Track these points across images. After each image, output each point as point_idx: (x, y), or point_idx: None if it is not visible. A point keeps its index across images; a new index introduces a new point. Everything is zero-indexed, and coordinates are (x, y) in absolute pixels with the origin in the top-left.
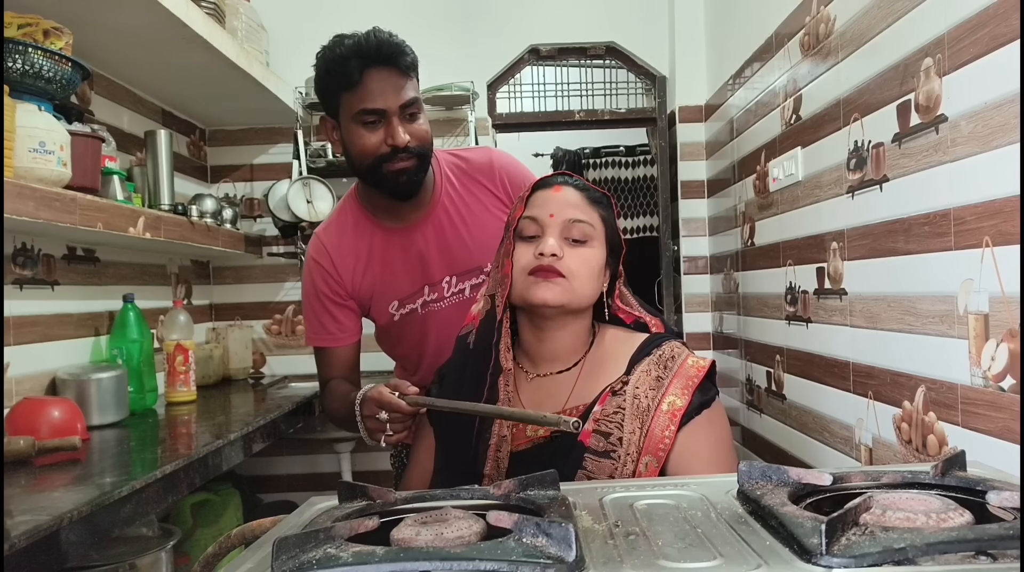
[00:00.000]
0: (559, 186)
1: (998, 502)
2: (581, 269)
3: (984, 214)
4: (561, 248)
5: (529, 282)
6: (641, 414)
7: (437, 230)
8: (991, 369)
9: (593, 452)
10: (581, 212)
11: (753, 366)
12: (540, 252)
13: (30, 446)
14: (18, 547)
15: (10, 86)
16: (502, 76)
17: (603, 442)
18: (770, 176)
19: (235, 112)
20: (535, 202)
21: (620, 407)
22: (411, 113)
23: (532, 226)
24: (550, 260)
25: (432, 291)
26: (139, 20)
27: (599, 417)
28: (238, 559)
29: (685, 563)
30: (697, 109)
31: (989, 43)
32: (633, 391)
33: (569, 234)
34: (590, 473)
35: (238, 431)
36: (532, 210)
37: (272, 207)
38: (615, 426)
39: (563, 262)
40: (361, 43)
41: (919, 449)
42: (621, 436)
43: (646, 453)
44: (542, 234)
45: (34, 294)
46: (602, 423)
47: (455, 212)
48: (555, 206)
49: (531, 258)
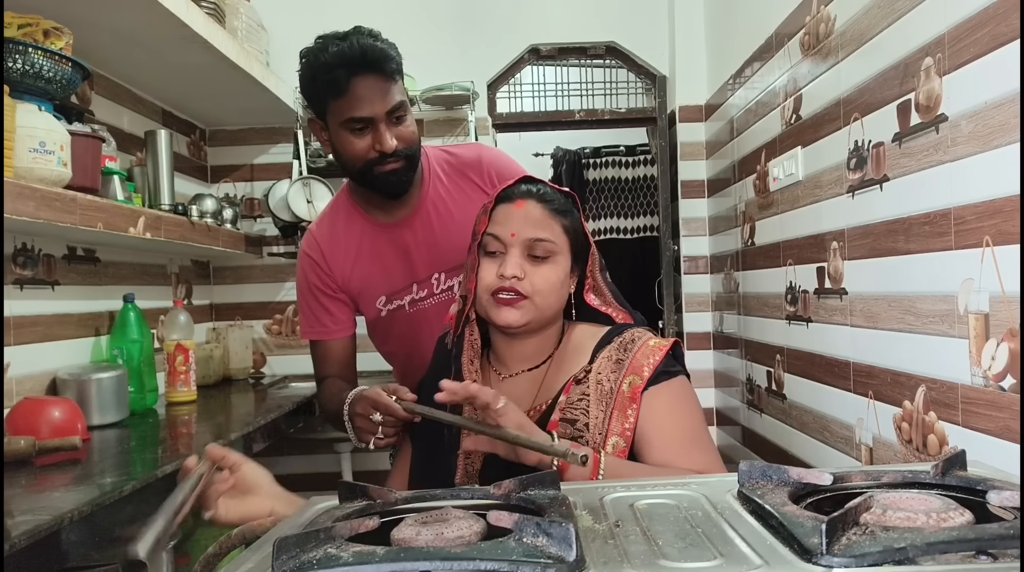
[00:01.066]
0: (521, 201)
1: (998, 502)
2: (543, 286)
3: (984, 214)
4: (522, 268)
5: (492, 303)
6: (604, 397)
7: (425, 226)
8: (991, 369)
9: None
10: (542, 229)
11: (753, 366)
12: (501, 273)
13: (30, 446)
14: (19, 547)
15: (10, 86)
16: (502, 76)
17: (570, 429)
18: (770, 176)
19: (235, 112)
20: (498, 217)
21: (584, 394)
22: (397, 116)
23: (494, 243)
24: (511, 282)
25: (421, 289)
26: (139, 20)
27: (564, 406)
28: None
29: (685, 563)
30: (697, 109)
31: (989, 43)
32: (596, 377)
33: (531, 251)
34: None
35: (239, 431)
36: (495, 227)
37: (272, 207)
38: (580, 412)
39: (524, 283)
40: (346, 51)
41: (919, 449)
42: (587, 421)
43: (611, 435)
44: (504, 252)
45: (34, 294)
46: (567, 411)
47: (443, 208)
48: (516, 224)
49: (494, 278)
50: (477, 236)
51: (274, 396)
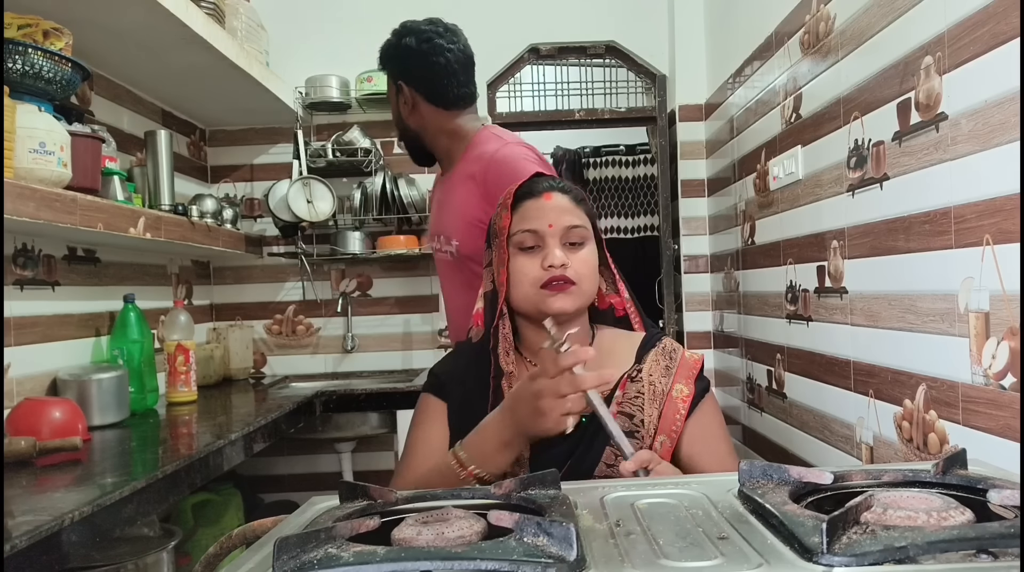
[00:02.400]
0: (549, 194)
1: (999, 500)
2: (584, 271)
3: (985, 212)
4: (565, 256)
5: (543, 295)
6: (657, 398)
7: (447, 190)
8: (992, 367)
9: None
10: (574, 216)
11: (754, 365)
12: (549, 264)
13: (31, 447)
14: (19, 547)
15: (10, 87)
16: (502, 75)
17: (628, 423)
18: (770, 175)
19: (235, 112)
20: (528, 213)
21: (639, 392)
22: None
23: (531, 238)
24: (560, 270)
25: (432, 240)
26: (139, 20)
27: (621, 401)
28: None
29: (686, 562)
30: (697, 108)
31: (989, 41)
32: (648, 377)
33: (568, 239)
34: (618, 451)
35: (239, 431)
36: (528, 222)
37: (272, 207)
38: (636, 409)
39: (570, 270)
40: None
41: (920, 447)
42: (642, 418)
43: (661, 433)
44: (543, 245)
45: (35, 295)
46: (625, 405)
47: (459, 183)
48: (551, 215)
49: (539, 271)
50: (502, 232)
51: (274, 396)
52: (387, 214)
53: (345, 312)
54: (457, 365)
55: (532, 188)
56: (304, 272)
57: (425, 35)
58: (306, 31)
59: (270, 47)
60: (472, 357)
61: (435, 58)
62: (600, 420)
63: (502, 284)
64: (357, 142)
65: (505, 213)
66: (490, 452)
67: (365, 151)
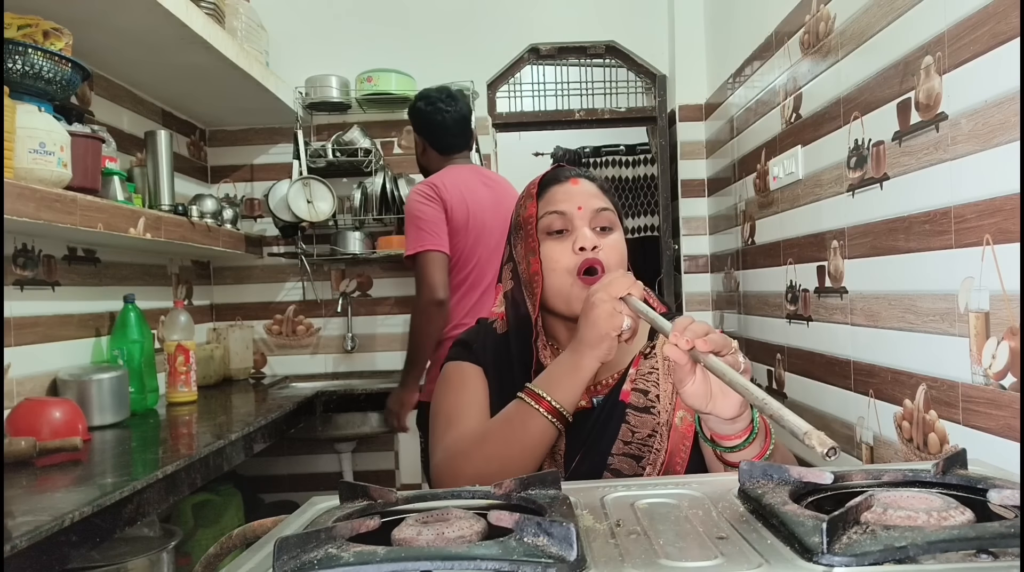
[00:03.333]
0: (576, 179)
1: (999, 500)
2: (615, 258)
3: (984, 212)
4: (596, 238)
5: (576, 285)
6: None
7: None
8: (992, 367)
9: (635, 408)
10: (602, 201)
11: (754, 365)
12: (580, 246)
13: (31, 447)
14: (19, 548)
15: (10, 87)
16: (502, 75)
17: (643, 398)
18: (770, 174)
19: (235, 112)
20: (555, 198)
21: (654, 368)
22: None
23: (560, 220)
24: (592, 254)
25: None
26: (139, 20)
27: (635, 377)
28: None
29: (686, 562)
30: (697, 108)
31: (989, 41)
32: (661, 354)
33: (597, 223)
34: (633, 427)
35: (239, 431)
36: (555, 205)
37: (272, 207)
38: (652, 384)
39: (601, 254)
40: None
41: (920, 447)
42: (658, 393)
43: (680, 408)
44: (571, 228)
45: (35, 295)
46: (639, 382)
47: None
48: (580, 198)
49: (571, 256)
50: (529, 221)
51: (275, 396)
52: (387, 214)
53: (345, 312)
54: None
55: (557, 175)
56: (304, 272)
57: (431, 100)
58: (306, 31)
59: (270, 47)
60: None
61: (436, 117)
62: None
63: (536, 272)
64: (357, 142)
65: (531, 202)
66: (562, 376)
67: (365, 151)
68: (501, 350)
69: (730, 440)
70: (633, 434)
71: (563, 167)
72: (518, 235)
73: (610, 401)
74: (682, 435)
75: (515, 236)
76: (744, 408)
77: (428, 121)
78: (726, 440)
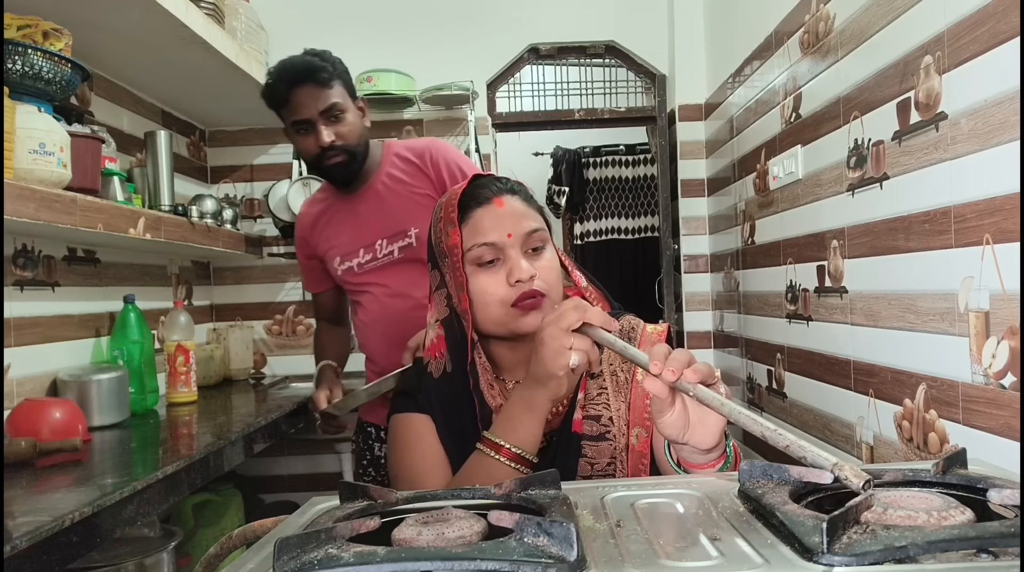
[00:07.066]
0: (497, 199)
1: (999, 500)
2: (551, 278)
3: (984, 211)
4: (531, 266)
5: (514, 315)
6: (622, 388)
7: (375, 199)
8: (992, 366)
9: (589, 438)
10: (531, 219)
11: (754, 364)
12: (517, 279)
13: (31, 447)
14: (19, 548)
15: (10, 87)
16: (502, 75)
17: (596, 426)
18: (770, 174)
19: (235, 112)
20: (481, 226)
21: (602, 387)
22: (334, 115)
23: (490, 251)
24: (529, 284)
25: (367, 253)
26: (139, 20)
27: (584, 403)
28: (240, 559)
29: (686, 562)
30: (697, 107)
31: (989, 40)
32: (609, 368)
33: (529, 246)
34: (591, 460)
35: (239, 431)
36: (483, 235)
37: (272, 207)
38: (602, 406)
39: (538, 281)
40: (286, 66)
41: (920, 447)
42: (611, 415)
43: (634, 425)
44: (504, 258)
45: (35, 295)
46: (589, 408)
47: (392, 185)
48: (509, 223)
49: (506, 288)
50: (454, 252)
51: (275, 396)
52: None
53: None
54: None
55: (477, 195)
56: None
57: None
58: (306, 31)
59: (270, 47)
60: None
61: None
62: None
63: (465, 311)
64: None
65: (452, 229)
66: (518, 417)
67: None
68: (444, 392)
69: (702, 468)
70: (592, 467)
71: (482, 183)
72: (444, 263)
73: (563, 435)
74: (640, 454)
75: (441, 263)
76: (721, 437)
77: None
78: (697, 468)
